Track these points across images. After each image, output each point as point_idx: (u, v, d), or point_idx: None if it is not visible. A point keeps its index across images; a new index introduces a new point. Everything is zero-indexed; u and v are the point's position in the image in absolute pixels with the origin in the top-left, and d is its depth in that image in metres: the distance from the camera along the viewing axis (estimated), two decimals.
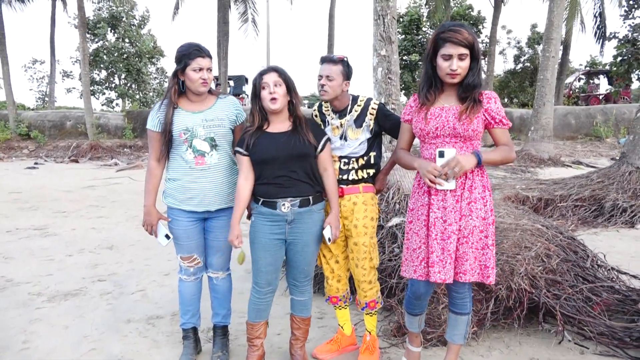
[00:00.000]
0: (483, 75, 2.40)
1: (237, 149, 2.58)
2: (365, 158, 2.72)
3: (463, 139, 2.28)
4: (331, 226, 2.59)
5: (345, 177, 2.71)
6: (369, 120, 2.71)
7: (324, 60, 2.71)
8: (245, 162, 2.56)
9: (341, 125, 2.73)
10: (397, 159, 2.56)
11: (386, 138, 4.01)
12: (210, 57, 2.61)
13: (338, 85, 2.66)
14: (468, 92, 2.27)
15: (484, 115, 2.28)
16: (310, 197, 2.55)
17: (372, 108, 2.72)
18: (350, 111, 2.73)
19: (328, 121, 2.78)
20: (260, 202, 2.55)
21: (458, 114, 2.27)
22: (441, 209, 2.29)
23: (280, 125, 2.56)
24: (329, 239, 2.59)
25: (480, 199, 2.28)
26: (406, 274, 2.42)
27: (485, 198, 2.30)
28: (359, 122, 2.71)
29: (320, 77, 2.67)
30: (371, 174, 2.76)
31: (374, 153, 2.76)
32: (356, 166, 2.72)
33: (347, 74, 2.70)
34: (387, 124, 2.72)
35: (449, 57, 2.21)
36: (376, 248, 2.77)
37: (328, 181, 2.61)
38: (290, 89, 2.54)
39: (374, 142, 2.75)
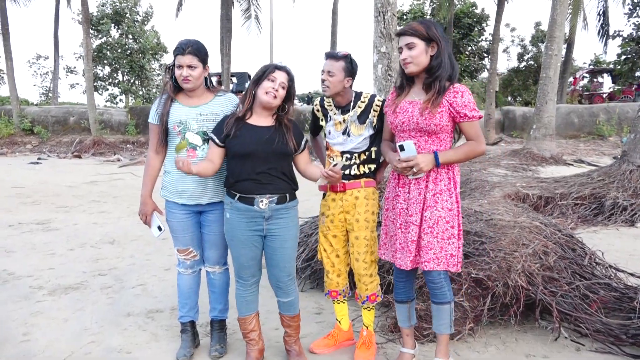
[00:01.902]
0: (448, 64, 2.41)
1: (212, 136, 2.54)
2: (367, 153, 2.76)
3: (427, 133, 2.36)
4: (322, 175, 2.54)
5: (347, 172, 2.74)
6: (372, 117, 2.73)
7: (327, 56, 2.74)
8: (216, 152, 2.54)
9: (344, 120, 2.75)
10: (381, 150, 2.69)
11: None
12: (192, 53, 2.54)
13: (339, 81, 2.67)
14: (430, 77, 2.33)
15: (449, 109, 2.32)
16: (287, 194, 2.58)
17: (377, 105, 2.74)
18: (354, 107, 2.75)
19: (330, 116, 2.81)
20: (236, 198, 2.52)
21: (421, 107, 2.33)
22: (406, 200, 2.43)
23: (263, 119, 2.56)
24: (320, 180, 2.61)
25: (446, 191, 2.37)
26: (383, 256, 2.60)
27: (451, 190, 2.38)
28: (362, 118, 2.73)
29: (323, 72, 2.70)
30: (372, 168, 2.79)
31: (375, 148, 2.79)
32: (358, 161, 2.75)
33: (350, 71, 2.71)
34: None
35: (401, 50, 2.36)
36: (377, 242, 2.80)
37: (314, 169, 2.66)
38: (290, 96, 2.57)
39: (376, 138, 2.78)
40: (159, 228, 2.79)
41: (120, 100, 29.11)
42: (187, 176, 2.65)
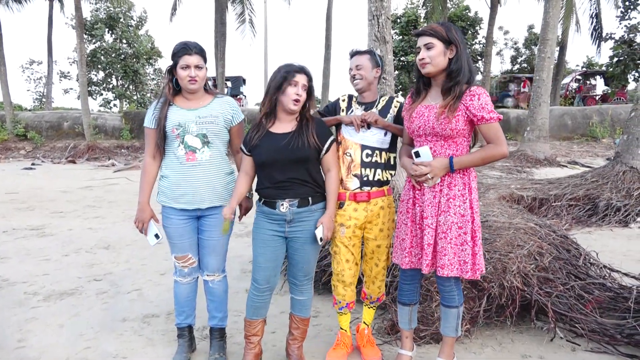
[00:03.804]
0: (467, 67, 2.45)
1: (242, 147, 2.64)
2: (387, 154, 2.74)
3: (443, 137, 2.34)
4: (323, 226, 2.54)
5: (371, 176, 2.69)
6: (393, 113, 2.75)
7: (352, 54, 2.78)
8: (247, 161, 2.63)
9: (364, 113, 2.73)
10: (399, 154, 2.68)
11: None
12: (199, 54, 2.57)
13: (368, 72, 2.72)
14: (451, 81, 2.32)
15: (465, 113, 2.29)
16: (310, 198, 2.55)
17: (395, 105, 2.78)
18: (377, 105, 2.77)
19: (353, 110, 2.79)
20: (262, 202, 2.58)
21: (438, 112, 2.32)
22: (421, 204, 2.42)
23: (286, 124, 2.55)
24: (320, 239, 2.54)
25: (460, 196, 2.34)
26: (395, 260, 2.58)
27: (465, 195, 2.34)
28: (384, 112, 2.74)
29: (351, 69, 2.74)
30: (393, 174, 2.80)
31: (394, 155, 2.79)
32: (379, 160, 2.71)
33: (377, 62, 2.76)
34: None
35: (419, 50, 2.35)
36: None
37: (330, 182, 2.61)
38: (310, 94, 2.56)
39: (393, 140, 2.78)
40: (156, 236, 2.73)
41: (115, 105, 29.06)
42: (185, 180, 2.63)
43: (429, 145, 2.38)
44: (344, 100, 2.87)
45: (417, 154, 2.36)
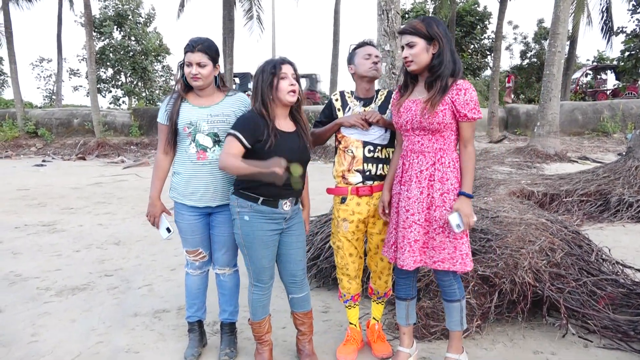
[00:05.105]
0: (450, 61, 2.42)
1: (241, 137, 2.36)
2: (387, 150, 2.73)
3: (431, 131, 2.35)
4: (305, 222, 2.72)
5: (374, 170, 2.69)
6: (391, 108, 2.73)
7: (370, 43, 2.78)
8: (240, 151, 2.37)
9: (365, 112, 2.72)
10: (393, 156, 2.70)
11: None
12: (202, 51, 2.52)
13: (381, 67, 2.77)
14: (432, 76, 2.34)
15: (452, 107, 2.30)
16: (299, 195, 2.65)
17: (394, 99, 2.75)
18: (375, 100, 2.77)
19: (350, 107, 2.78)
20: (259, 201, 2.45)
21: (422, 106, 2.33)
22: (405, 199, 2.43)
23: (285, 122, 2.52)
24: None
25: (453, 190, 2.36)
26: (384, 253, 2.62)
27: (458, 189, 2.36)
28: (382, 109, 2.73)
29: (370, 55, 2.69)
30: None
31: (393, 149, 2.78)
32: (381, 156, 2.71)
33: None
34: None
35: (402, 48, 2.37)
36: None
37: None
38: (299, 84, 2.51)
39: (393, 136, 2.76)
40: (168, 230, 2.77)
41: (124, 102, 29.18)
42: (196, 178, 2.63)
43: (417, 139, 2.39)
44: (337, 100, 2.85)
45: (459, 227, 2.29)
